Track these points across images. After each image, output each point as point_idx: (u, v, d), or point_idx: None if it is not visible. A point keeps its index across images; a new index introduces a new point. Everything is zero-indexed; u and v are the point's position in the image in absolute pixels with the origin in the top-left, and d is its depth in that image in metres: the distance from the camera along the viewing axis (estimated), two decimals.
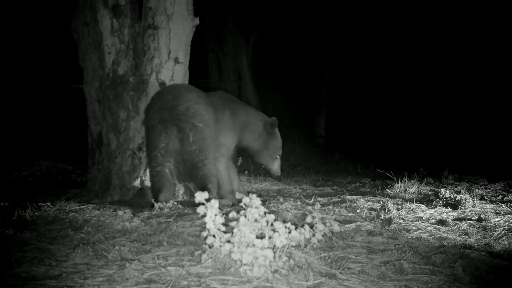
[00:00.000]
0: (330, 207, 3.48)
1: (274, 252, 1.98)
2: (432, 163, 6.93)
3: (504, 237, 2.78)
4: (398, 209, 3.49)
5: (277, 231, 1.99)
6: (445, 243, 2.61)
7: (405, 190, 4.52)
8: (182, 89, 3.60)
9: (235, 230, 1.97)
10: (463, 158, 8.22)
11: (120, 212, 3.00)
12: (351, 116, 11.79)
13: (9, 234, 2.49)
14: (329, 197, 4.12)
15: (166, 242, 2.40)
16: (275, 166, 4.18)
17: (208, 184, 3.41)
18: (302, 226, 2.19)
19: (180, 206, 3.32)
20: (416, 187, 4.62)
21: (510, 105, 9.48)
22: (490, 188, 4.81)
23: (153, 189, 3.47)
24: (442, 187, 4.80)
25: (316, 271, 2.04)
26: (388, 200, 3.83)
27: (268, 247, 1.95)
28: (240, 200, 2.04)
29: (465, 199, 3.69)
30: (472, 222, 3.16)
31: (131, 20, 3.98)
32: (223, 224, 2.01)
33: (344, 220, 3.09)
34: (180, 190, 3.92)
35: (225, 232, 2.02)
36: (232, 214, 2.03)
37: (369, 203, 3.79)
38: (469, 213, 3.46)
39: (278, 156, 4.17)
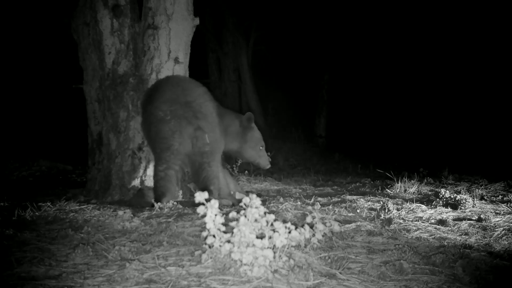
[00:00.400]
0: (330, 207, 3.48)
1: (274, 252, 1.99)
2: (432, 163, 6.93)
3: (504, 237, 2.79)
4: (398, 209, 3.49)
5: (277, 231, 1.99)
6: (445, 243, 2.61)
7: (405, 190, 4.52)
8: (189, 82, 3.56)
9: (235, 230, 1.97)
10: (463, 158, 8.22)
11: (120, 212, 3.00)
12: (351, 116, 11.79)
13: (9, 234, 2.49)
14: (329, 197, 4.12)
15: (166, 242, 2.40)
16: (262, 159, 4.01)
17: (210, 185, 3.37)
18: (302, 226, 2.19)
19: (180, 206, 3.31)
20: (416, 187, 4.62)
21: (510, 105, 9.48)
22: (490, 188, 4.81)
23: (157, 192, 3.39)
24: (442, 187, 4.80)
25: (316, 271, 2.04)
26: (388, 200, 3.83)
27: (268, 247, 1.95)
28: (240, 200, 2.04)
29: (465, 199, 3.69)
30: (472, 222, 3.16)
31: (131, 20, 3.98)
32: (223, 224, 2.01)
33: (344, 220, 3.09)
34: (180, 190, 3.92)
35: (225, 232, 2.02)
36: (232, 214, 2.03)
37: (369, 203, 3.79)
38: (469, 213, 3.46)
39: (261, 148, 4.02)
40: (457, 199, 3.72)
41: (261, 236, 1.98)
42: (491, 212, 3.49)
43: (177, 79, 3.59)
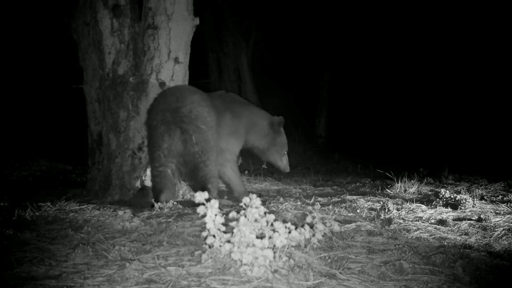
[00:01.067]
0: (330, 207, 3.48)
1: (274, 252, 1.99)
2: (432, 163, 6.92)
3: (504, 237, 2.79)
4: (398, 209, 3.49)
5: (277, 231, 1.99)
6: (445, 243, 2.61)
7: (405, 190, 4.52)
8: (185, 91, 3.61)
9: (235, 230, 1.97)
10: (463, 158, 8.22)
11: (120, 212, 3.00)
12: (351, 116, 11.78)
13: (9, 234, 2.49)
14: (329, 197, 4.12)
15: (166, 242, 2.40)
16: (284, 162, 4.26)
17: (208, 184, 3.43)
18: (302, 226, 2.19)
19: (180, 206, 3.33)
20: (416, 187, 4.62)
21: (510, 105, 9.48)
22: (490, 188, 4.81)
23: (154, 189, 3.48)
24: (442, 187, 4.80)
25: (316, 271, 2.04)
26: (388, 200, 3.83)
27: (268, 247, 1.95)
28: (240, 200, 2.05)
29: (465, 199, 3.69)
30: (472, 222, 3.16)
31: (131, 20, 3.98)
32: (223, 224, 2.01)
33: (344, 220, 3.09)
34: (180, 190, 3.92)
35: (225, 232, 2.02)
36: (232, 214, 2.03)
37: (369, 203, 3.79)
38: (469, 213, 3.46)
39: (285, 152, 4.24)
40: (457, 199, 3.72)
41: (261, 236, 1.98)
42: (491, 212, 3.49)
43: (174, 90, 3.64)
